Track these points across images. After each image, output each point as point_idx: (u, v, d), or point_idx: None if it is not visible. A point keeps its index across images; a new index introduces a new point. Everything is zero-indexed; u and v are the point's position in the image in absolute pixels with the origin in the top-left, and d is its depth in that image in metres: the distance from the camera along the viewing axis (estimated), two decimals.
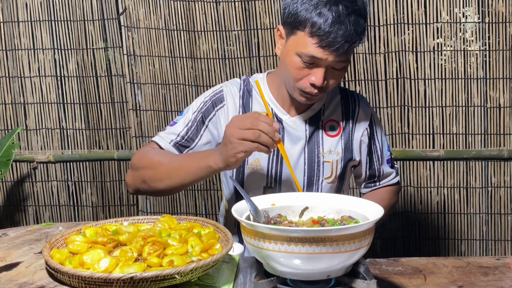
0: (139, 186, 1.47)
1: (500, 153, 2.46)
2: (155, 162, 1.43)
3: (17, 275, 1.01)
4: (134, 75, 2.56)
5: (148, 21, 2.51)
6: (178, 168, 1.40)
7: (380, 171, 1.66)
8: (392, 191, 1.70)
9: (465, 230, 2.55)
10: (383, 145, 1.66)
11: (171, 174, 1.40)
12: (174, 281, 0.92)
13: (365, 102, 1.64)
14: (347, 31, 1.31)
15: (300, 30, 1.35)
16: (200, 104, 1.55)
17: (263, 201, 1.14)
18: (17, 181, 2.74)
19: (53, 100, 2.64)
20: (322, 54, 1.33)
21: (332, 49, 1.32)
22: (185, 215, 1.35)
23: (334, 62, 1.36)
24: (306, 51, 1.34)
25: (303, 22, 1.34)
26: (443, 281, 1.22)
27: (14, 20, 2.59)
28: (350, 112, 1.59)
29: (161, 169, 1.42)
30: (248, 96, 1.56)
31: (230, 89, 1.57)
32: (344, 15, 1.31)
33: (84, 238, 1.09)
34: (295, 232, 0.90)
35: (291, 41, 1.39)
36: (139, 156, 1.49)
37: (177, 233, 1.10)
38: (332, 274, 0.96)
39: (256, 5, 2.46)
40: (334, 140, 1.56)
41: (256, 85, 1.54)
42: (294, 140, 1.54)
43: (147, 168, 1.45)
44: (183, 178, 1.39)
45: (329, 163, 1.55)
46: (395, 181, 1.70)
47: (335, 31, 1.30)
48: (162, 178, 1.41)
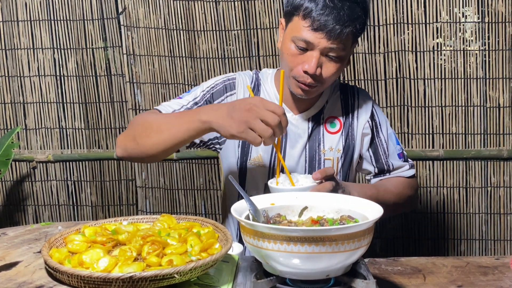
0: (128, 144, 1.40)
1: (499, 153, 2.46)
2: (149, 119, 1.40)
3: (16, 274, 1.01)
4: (133, 75, 2.56)
5: (147, 21, 2.51)
6: (168, 122, 1.33)
7: (389, 165, 1.60)
8: (404, 182, 1.62)
9: (464, 230, 2.55)
10: (390, 138, 1.61)
11: (161, 128, 1.33)
12: (174, 280, 0.92)
13: (365, 94, 1.62)
14: (338, 15, 1.32)
15: (295, 15, 1.37)
16: (212, 84, 1.55)
17: (263, 200, 1.14)
18: (16, 181, 2.74)
19: (52, 100, 2.64)
20: (313, 37, 1.34)
21: (323, 32, 1.33)
22: (184, 215, 1.34)
23: (327, 49, 1.36)
24: (299, 35, 1.36)
25: (298, 7, 1.36)
26: (443, 280, 1.22)
27: (14, 20, 2.58)
28: (350, 106, 1.58)
29: (153, 125, 1.36)
30: (257, 91, 1.57)
31: (243, 78, 1.57)
32: (337, 0, 1.32)
33: (83, 238, 1.08)
34: (295, 232, 0.90)
35: (288, 29, 1.41)
36: (135, 118, 1.48)
37: (176, 233, 1.10)
38: (331, 273, 0.96)
39: (256, 4, 2.45)
40: (335, 137, 1.55)
41: (263, 80, 1.56)
42: (295, 138, 1.54)
43: (138, 124, 1.41)
44: (171, 134, 1.30)
45: (330, 160, 1.54)
46: (409, 174, 1.62)
47: (327, 14, 1.31)
48: (150, 134, 1.35)
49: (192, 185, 2.65)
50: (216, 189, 2.65)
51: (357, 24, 1.36)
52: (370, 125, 1.58)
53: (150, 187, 2.67)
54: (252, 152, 1.55)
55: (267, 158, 1.52)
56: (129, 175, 2.70)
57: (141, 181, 2.68)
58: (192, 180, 2.65)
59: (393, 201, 1.53)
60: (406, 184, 1.62)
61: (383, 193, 1.49)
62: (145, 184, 2.68)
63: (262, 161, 1.52)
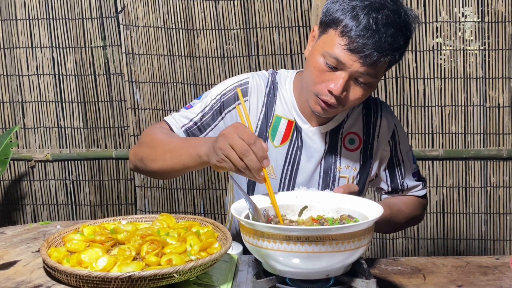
0: (138, 163, 1.40)
1: (499, 152, 2.46)
2: (155, 141, 1.36)
3: (14, 273, 1.01)
4: (132, 74, 2.56)
5: (146, 20, 2.50)
6: (171, 151, 1.30)
7: (403, 185, 1.53)
8: (416, 202, 1.55)
9: (464, 229, 2.55)
10: (408, 158, 1.53)
11: (164, 156, 1.31)
12: (173, 280, 0.91)
13: (388, 111, 1.51)
14: (380, 41, 1.20)
15: (333, 28, 1.25)
16: (223, 91, 1.44)
17: (263, 200, 1.14)
18: (14, 180, 2.73)
19: (51, 99, 2.64)
20: (347, 58, 1.23)
21: (359, 56, 1.22)
22: (183, 214, 1.33)
23: (359, 73, 1.25)
24: (332, 52, 1.24)
25: (337, 21, 1.24)
26: (443, 280, 1.22)
27: (12, 18, 2.58)
28: (372, 124, 1.47)
29: (158, 149, 1.33)
30: (273, 96, 1.46)
31: (257, 82, 1.46)
32: (382, 24, 1.21)
33: (82, 237, 1.08)
34: (295, 231, 0.89)
35: (321, 40, 1.30)
36: (146, 132, 1.43)
37: (175, 232, 1.10)
38: (331, 273, 0.96)
39: (255, 3, 2.45)
40: (353, 155, 1.46)
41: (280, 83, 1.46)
42: (311, 152, 1.44)
43: (146, 145, 1.38)
44: (174, 163, 1.28)
45: (345, 178, 1.46)
46: (421, 194, 1.56)
47: (367, 37, 1.20)
48: (155, 159, 1.33)
49: (191, 185, 2.65)
50: (215, 188, 2.64)
51: (396, 54, 1.26)
52: (390, 144, 1.50)
53: (149, 187, 2.67)
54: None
55: (280, 170, 1.44)
56: (128, 174, 2.69)
57: (140, 181, 2.68)
58: (191, 179, 2.65)
59: (403, 222, 1.50)
60: (418, 204, 1.56)
61: (396, 214, 1.43)
62: (144, 184, 2.67)
63: (274, 172, 1.44)
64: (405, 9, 1.27)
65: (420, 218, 1.60)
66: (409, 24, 1.27)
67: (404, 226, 1.56)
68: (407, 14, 1.27)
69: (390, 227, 1.49)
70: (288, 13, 2.44)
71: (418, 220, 1.60)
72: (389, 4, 1.24)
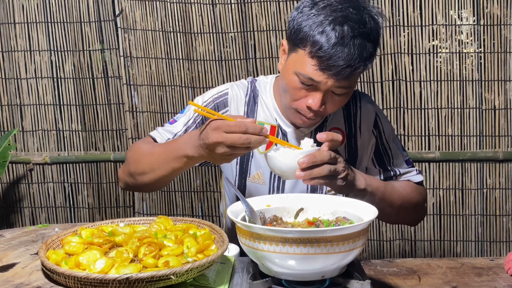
0: (127, 179, 1.41)
1: (495, 154, 2.47)
2: (141, 156, 1.37)
3: (13, 276, 1.02)
4: (130, 77, 2.57)
5: (144, 23, 2.51)
6: (158, 159, 1.31)
7: (395, 171, 1.51)
8: (412, 186, 1.51)
9: (460, 231, 2.56)
10: (395, 144, 1.52)
11: (153, 166, 1.32)
12: (170, 281, 0.92)
13: (367, 100, 1.52)
14: (349, 54, 1.21)
15: (301, 48, 1.26)
16: (202, 104, 1.47)
17: (259, 202, 1.15)
18: (13, 183, 2.74)
19: (49, 102, 2.64)
20: (321, 77, 1.24)
21: (331, 73, 1.23)
22: (181, 217, 1.34)
23: (334, 87, 1.27)
24: (304, 72, 1.25)
25: (304, 40, 1.24)
26: (437, 281, 1.23)
27: (11, 22, 2.59)
28: (352, 116, 1.49)
29: (145, 162, 1.35)
30: (253, 103, 1.48)
31: (236, 92, 1.48)
32: (349, 37, 1.21)
33: (80, 239, 1.09)
34: (290, 233, 0.90)
35: (292, 59, 1.30)
36: (131, 149, 1.45)
37: (172, 234, 1.11)
38: (326, 274, 0.97)
39: (253, 7, 2.46)
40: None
41: (260, 90, 1.47)
42: None
43: (133, 160, 1.39)
44: (165, 170, 1.30)
45: None
46: (417, 179, 1.52)
47: (337, 54, 1.20)
48: (145, 171, 1.34)
49: (189, 187, 2.66)
50: (213, 191, 2.65)
51: (368, 62, 1.26)
52: (375, 134, 1.50)
53: None
54: (251, 169, 1.47)
55: (267, 175, 1.46)
56: None
57: None
58: (189, 182, 2.66)
59: (399, 203, 1.42)
60: (414, 188, 1.51)
61: (390, 191, 1.39)
62: None
63: (262, 179, 1.46)
64: (368, 12, 1.27)
65: (420, 206, 1.53)
66: (375, 30, 1.27)
67: (401, 211, 1.45)
68: (372, 18, 1.27)
69: (386, 205, 1.38)
70: (285, 17, 2.45)
71: (418, 209, 1.52)
72: (352, 14, 1.24)
